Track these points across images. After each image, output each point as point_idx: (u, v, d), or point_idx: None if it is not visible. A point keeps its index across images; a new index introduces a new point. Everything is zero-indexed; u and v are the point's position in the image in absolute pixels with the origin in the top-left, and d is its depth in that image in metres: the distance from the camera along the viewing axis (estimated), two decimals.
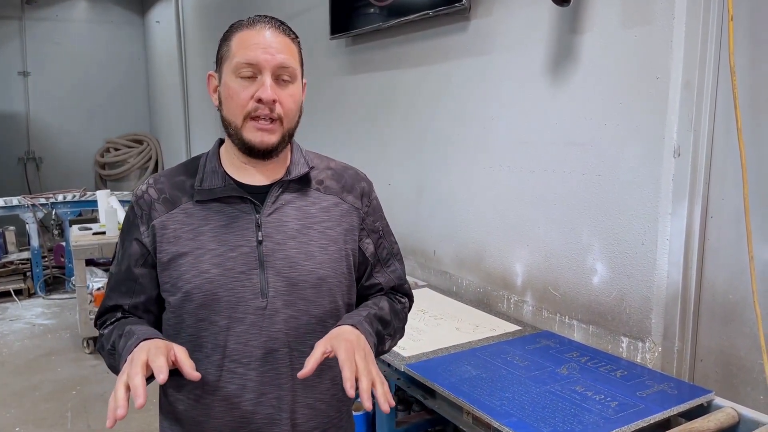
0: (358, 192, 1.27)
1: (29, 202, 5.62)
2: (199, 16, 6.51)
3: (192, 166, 1.22)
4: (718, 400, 1.75)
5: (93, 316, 4.34)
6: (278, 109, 1.11)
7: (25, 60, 8.23)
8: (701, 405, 1.74)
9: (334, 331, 1.08)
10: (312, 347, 1.05)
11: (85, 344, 4.30)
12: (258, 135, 1.11)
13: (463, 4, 2.58)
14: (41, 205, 5.67)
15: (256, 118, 1.10)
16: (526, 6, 2.37)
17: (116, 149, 8.73)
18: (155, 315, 1.23)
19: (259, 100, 1.09)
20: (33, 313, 5.21)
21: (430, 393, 1.97)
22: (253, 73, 1.09)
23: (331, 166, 1.28)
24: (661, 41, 1.88)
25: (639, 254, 2.00)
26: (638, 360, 2.02)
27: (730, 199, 1.88)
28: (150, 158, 8.66)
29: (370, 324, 1.16)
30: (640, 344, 2.02)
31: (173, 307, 1.17)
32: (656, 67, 1.90)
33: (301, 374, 0.99)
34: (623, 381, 1.83)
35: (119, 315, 1.20)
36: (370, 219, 1.28)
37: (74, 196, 6.00)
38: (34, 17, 8.26)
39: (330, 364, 1.12)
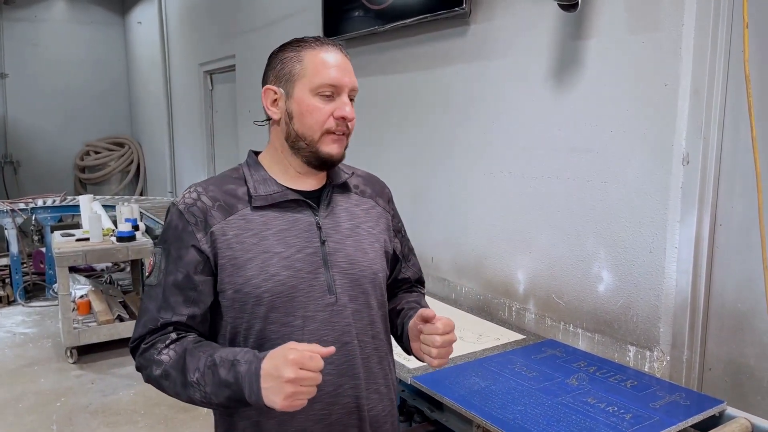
0: (386, 197, 1.42)
1: (8, 207, 5.45)
2: (184, 17, 6.40)
3: (236, 176, 1.27)
4: (730, 410, 1.74)
5: (79, 325, 4.23)
6: (350, 125, 1.23)
7: (3, 61, 8.04)
8: (713, 415, 1.72)
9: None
10: (372, 336, 1.27)
11: (68, 354, 4.17)
12: (335, 147, 1.22)
13: (463, 9, 2.54)
14: (21, 210, 5.51)
15: (332, 133, 1.21)
16: (529, 11, 2.34)
17: (96, 152, 8.55)
18: (208, 326, 1.25)
19: (341, 118, 1.20)
20: (13, 321, 5.06)
21: (437, 405, 1.93)
22: (333, 92, 1.20)
23: (357, 173, 1.40)
24: (670, 48, 1.87)
25: (647, 262, 1.98)
26: (646, 369, 2.00)
27: (739, 207, 1.87)
28: (131, 161, 8.51)
29: None
30: (648, 353, 2.00)
31: (236, 312, 1.20)
32: (664, 74, 1.89)
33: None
34: (634, 392, 1.81)
35: (173, 335, 1.19)
36: (395, 221, 1.43)
37: (54, 201, 5.84)
38: (12, 18, 8.07)
39: (387, 351, 1.33)
